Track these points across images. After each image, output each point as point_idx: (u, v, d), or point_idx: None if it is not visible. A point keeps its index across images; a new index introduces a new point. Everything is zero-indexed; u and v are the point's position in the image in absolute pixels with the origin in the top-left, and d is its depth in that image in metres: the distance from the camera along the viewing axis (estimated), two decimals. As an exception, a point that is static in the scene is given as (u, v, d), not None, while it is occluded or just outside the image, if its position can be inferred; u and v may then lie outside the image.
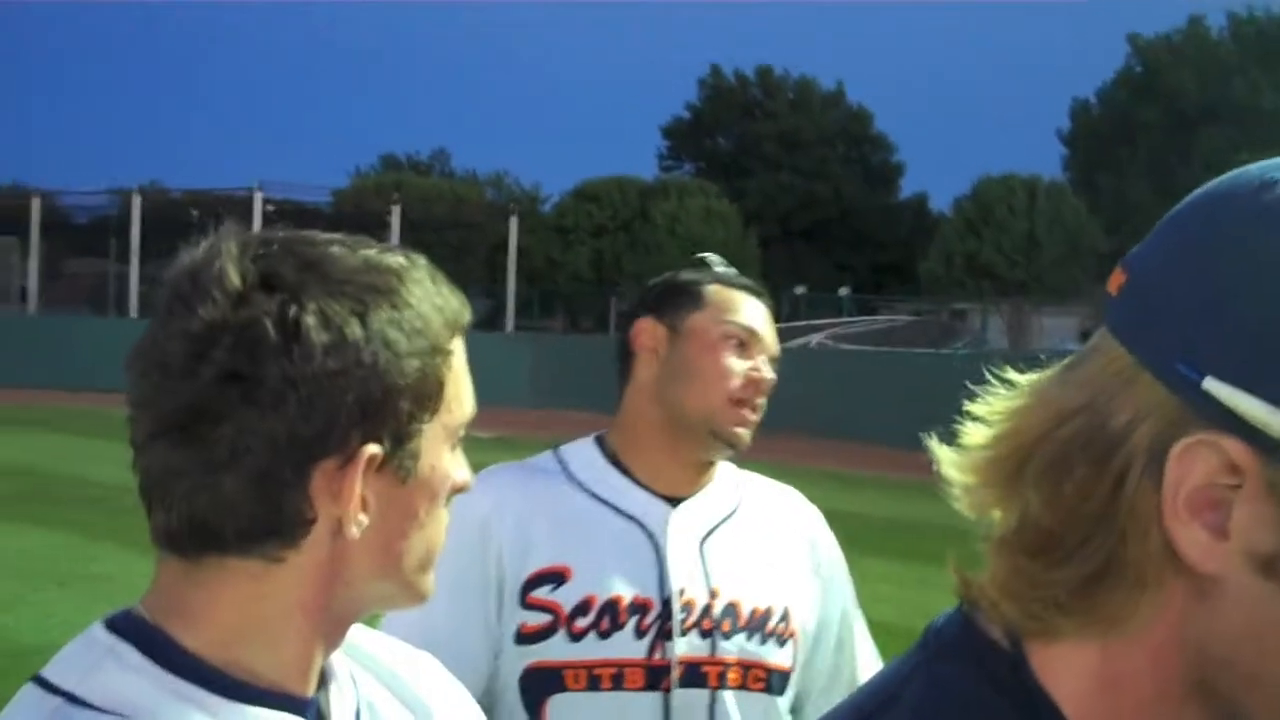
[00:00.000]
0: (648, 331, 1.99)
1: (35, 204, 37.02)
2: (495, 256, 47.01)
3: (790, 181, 58.87)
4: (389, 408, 0.96)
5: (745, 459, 2.02)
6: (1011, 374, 0.76)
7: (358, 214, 42.56)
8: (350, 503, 0.95)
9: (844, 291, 44.65)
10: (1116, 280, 0.74)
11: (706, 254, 2.08)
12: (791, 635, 1.97)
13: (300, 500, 0.95)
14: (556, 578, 1.88)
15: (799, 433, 24.92)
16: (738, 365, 1.94)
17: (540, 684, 1.86)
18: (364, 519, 0.97)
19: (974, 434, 0.76)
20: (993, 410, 0.75)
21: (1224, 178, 0.72)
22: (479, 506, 1.90)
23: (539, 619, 1.87)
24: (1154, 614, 0.70)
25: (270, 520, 0.95)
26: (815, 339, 35.24)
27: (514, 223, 39.18)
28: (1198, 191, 0.73)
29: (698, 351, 1.95)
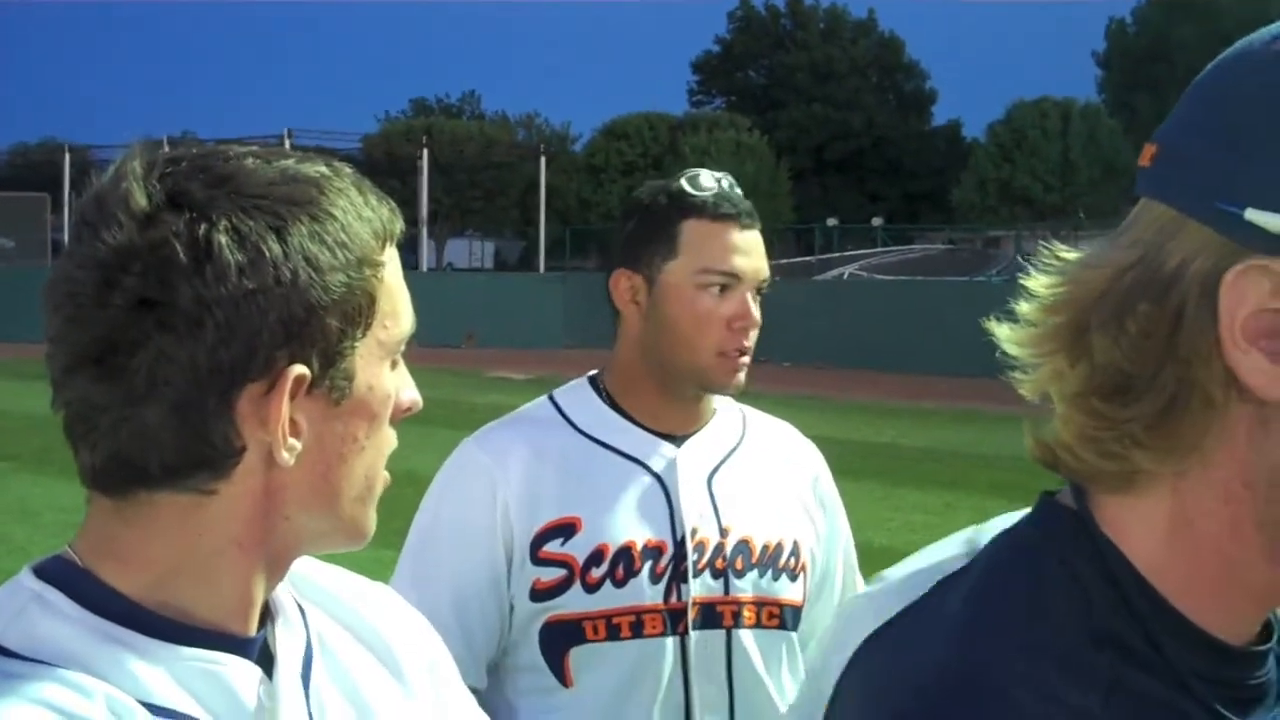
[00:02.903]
0: (625, 285, 1.92)
1: (66, 159, 37.13)
2: (527, 198, 46.88)
3: (822, 113, 58.29)
4: (314, 326, 0.91)
5: (780, 393, 2.00)
6: (1061, 251, 0.79)
7: (388, 159, 42.44)
8: (278, 427, 0.91)
9: (877, 222, 44.21)
10: (1148, 153, 0.77)
11: (690, 170, 1.96)
12: (802, 569, 1.95)
13: (227, 428, 0.90)
14: (567, 530, 1.85)
15: (832, 365, 24.87)
16: (720, 314, 1.86)
17: (560, 637, 1.84)
18: (296, 444, 0.92)
19: (1032, 307, 0.79)
20: (1047, 283, 0.78)
21: (1233, 46, 0.76)
22: (481, 468, 1.88)
23: (553, 574, 1.84)
24: (1221, 447, 0.73)
25: (197, 451, 0.90)
26: (848, 270, 35.02)
27: (543, 163, 38.94)
28: (1210, 65, 0.76)
29: (676, 306, 1.88)
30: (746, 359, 1.89)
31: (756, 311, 1.90)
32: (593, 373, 2.00)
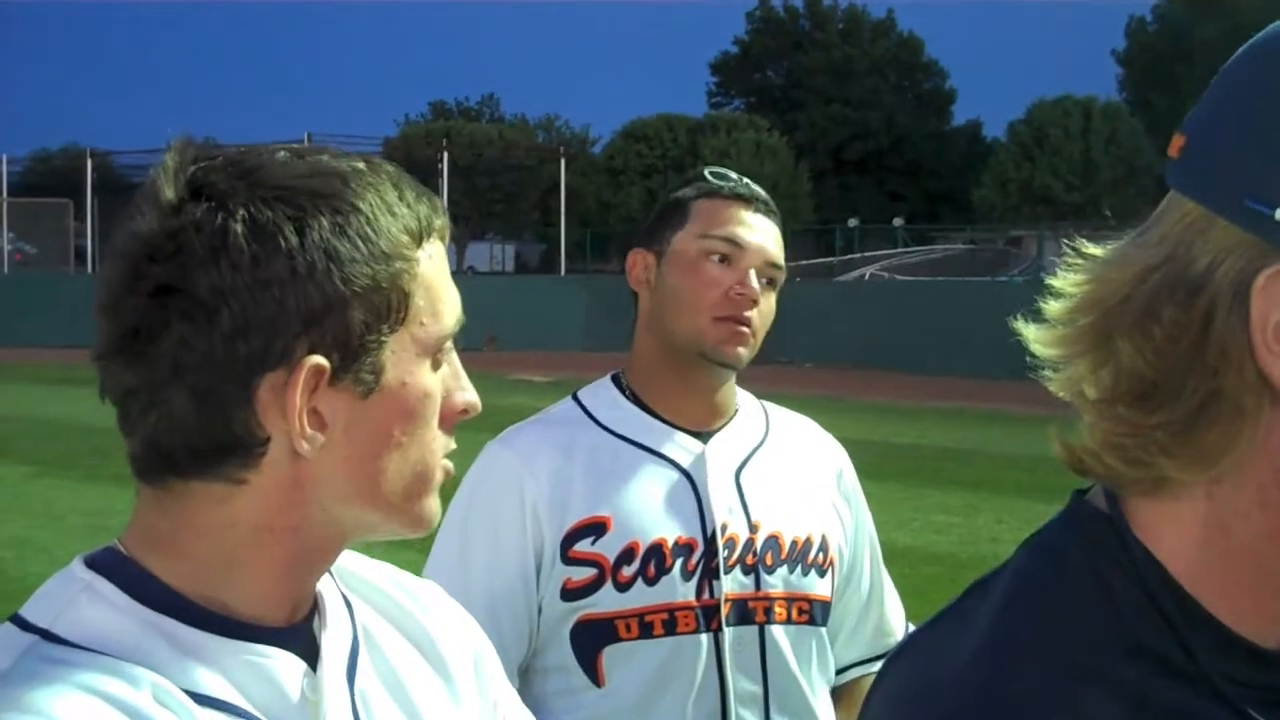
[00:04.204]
0: (639, 263, 1.94)
1: (88, 165, 37.31)
2: (547, 200, 46.92)
3: (841, 113, 58.19)
4: (333, 318, 0.91)
5: (801, 394, 2.00)
6: (1088, 247, 0.77)
7: (408, 162, 42.42)
8: (294, 418, 0.91)
9: (898, 222, 44.08)
10: (1177, 144, 0.74)
11: (711, 166, 2.00)
12: (830, 564, 1.95)
13: (248, 416, 0.91)
14: (597, 529, 1.84)
15: (854, 366, 24.82)
16: (720, 281, 1.87)
17: (592, 636, 1.83)
18: (317, 436, 0.92)
19: (1058, 307, 0.77)
20: (1073, 282, 0.76)
21: (1261, 34, 0.73)
22: (510, 468, 1.88)
23: (584, 573, 1.83)
24: (1255, 450, 0.70)
25: (221, 438, 0.91)
26: (869, 271, 34.95)
27: (563, 165, 38.96)
28: (1240, 51, 0.74)
29: (679, 272, 1.89)
30: (746, 331, 1.88)
31: (756, 285, 1.88)
32: (615, 372, 2.00)
